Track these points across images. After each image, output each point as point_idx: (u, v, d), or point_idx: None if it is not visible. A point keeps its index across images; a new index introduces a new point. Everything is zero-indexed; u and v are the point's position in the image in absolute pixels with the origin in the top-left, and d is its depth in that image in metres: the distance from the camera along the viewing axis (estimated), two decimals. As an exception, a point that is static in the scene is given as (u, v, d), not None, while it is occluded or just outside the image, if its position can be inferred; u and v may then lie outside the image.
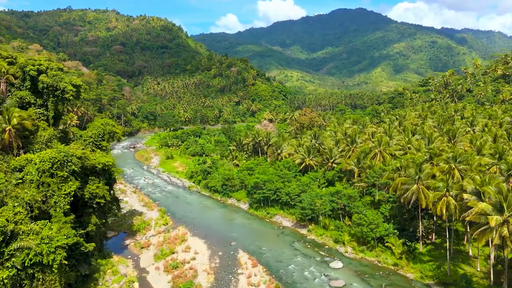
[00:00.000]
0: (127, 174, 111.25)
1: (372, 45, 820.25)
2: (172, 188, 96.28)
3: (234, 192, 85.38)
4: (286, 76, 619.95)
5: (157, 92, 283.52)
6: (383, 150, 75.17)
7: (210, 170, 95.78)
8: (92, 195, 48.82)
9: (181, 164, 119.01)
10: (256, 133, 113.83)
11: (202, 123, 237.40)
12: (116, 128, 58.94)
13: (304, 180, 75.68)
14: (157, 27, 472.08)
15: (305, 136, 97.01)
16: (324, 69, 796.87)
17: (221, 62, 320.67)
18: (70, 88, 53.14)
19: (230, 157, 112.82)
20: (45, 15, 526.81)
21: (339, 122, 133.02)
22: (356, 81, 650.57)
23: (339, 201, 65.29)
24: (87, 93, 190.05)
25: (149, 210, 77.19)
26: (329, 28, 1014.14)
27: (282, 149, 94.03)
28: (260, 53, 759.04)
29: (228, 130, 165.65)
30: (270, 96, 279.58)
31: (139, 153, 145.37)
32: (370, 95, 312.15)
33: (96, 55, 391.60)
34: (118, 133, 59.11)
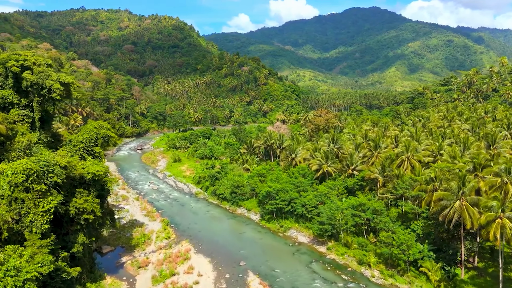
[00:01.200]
0: (132, 178, 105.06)
1: (386, 44, 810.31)
2: (178, 194, 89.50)
3: (244, 200, 78.10)
4: (298, 76, 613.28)
5: (167, 92, 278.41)
6: (411, 156, 66.95)
7: (219, 176, 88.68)
8: (79, 211, 42.09)
9: (188, 168, 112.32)
10: (268, 135, 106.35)
11: (212, 123, 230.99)
12: (111, 132, 52.21)
13: (321, 189, 67.92)
14: (168, 26, 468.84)
15: (322, 139, 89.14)
16: (337, 68, 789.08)
17: (232, 61, 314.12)
18: (57, 87, 46.62)
19: (241, 161, 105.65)
20: (58, 15, 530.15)
21: (357, 124, 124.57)
22: (369, 81, 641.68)
23: (362, 215, 57.41)
24: (94, 93, 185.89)
25: (151, 220, 70.44)
26: (342, 27, 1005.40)
27: (297, 154, 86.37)
28: (272, 52, 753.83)
29: (238, 132, 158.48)
30: (282, 96, 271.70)
31: (146, 155, 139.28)
32: (386, 95, 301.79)
33: (108, 55, 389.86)
34: (113, 137, 52.42)
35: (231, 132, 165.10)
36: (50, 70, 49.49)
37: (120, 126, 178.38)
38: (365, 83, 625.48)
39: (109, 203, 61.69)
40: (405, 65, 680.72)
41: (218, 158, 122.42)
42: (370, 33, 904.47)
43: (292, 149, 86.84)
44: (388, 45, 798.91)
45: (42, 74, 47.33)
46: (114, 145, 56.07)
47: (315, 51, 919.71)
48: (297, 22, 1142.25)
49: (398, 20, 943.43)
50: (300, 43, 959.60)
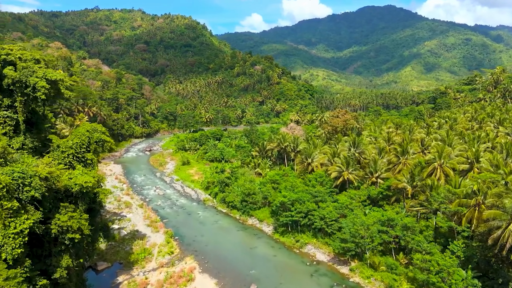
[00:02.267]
0: (137, 182, 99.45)
1: (401, 43, 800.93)
2: (184, 201, 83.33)
3: (256, 210, 71.41)
4: (311, 75, 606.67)
5: (179, 91, 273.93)
6: (444, 164, 59.28)
7: (229, 182, 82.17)
8: (62, 229, 36.01)
9: (197, 172, 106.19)
10: (281, 137, 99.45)
11: (224, 124, 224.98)
12: (106, 136, 46.17)
13: (342, 199, 60.70)
14: (181, 26, 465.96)
15: (341, 143, 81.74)
16: (351, 67, 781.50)
17: (245, 60, 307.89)
18: (42, 85, 40.78)
19: (252, 165, 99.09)
20: (73, 15, 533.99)
21: (376, 125, 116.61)
22: (384, 80, 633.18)
23: (391, 232, 50.14)
24: (103, 92, 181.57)
25: (154, 231, 64.34)
26: (356, 26, 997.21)
27: (313, 158, 79.23)
28: (285, 52, 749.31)
29: (250, 133, 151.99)
30: (296, 95, 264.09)
31: (154, 157, 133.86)
32: (403, 94, 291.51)
33: (120, 54, 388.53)
34: (108, 142, 46.40)
35: (242, 133, 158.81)
36: (37, 66, 43.73)
37: (129, 126, 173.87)
38: (380, 83, 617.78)
39: (102, 217, 55.88)
40: (421, 64, 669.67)
41: (228, 161, 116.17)
42: (385, 31, 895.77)
43: (308, 153, 79.74)
44: (403, 44, 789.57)
45: (25, 70, 41.57)
46: (110, 151, 49.48)
47: (328, 50, 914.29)
48: (310, 21, 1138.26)
49: (414, 19, 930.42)
50: (314, 42, 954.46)
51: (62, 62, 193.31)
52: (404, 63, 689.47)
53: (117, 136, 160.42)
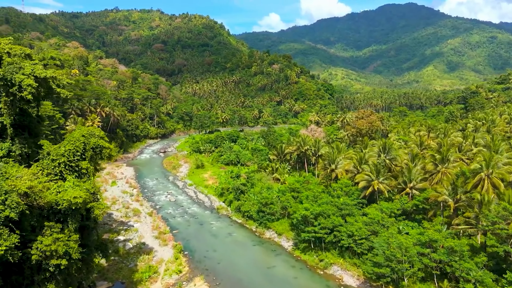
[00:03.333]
0: (149, 187, 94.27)
1: (423, 42, 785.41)
2: (197, 209, 77.42)
3: (274, 221, 64.75)
4: (330, 74, 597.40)
5: (195, 91, 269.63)
6: (492, 174, 51.31)
7: (244, 189, 75.82)
8: (45, 255, 30.35)
9: (211, 176, 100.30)
10: (301, 140, 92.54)
11: (240, 124, 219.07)
12: (104, 141, 40.44)
13: (372, 213, 53.39)
14: (198, 25, 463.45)
15: (370, 148, 74.24)
16: (371, 67, 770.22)
17: (262, 59, 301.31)
18: (28, 83, 35.25)
19: (269, 170, 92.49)
20: (93, 15, 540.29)
21: (403, 127, 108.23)
22: (405, 80, 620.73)
23: (433, 256, 42.73)
24: (119, 92, 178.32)
25: (162, 245, 58.53)
26: (376, 24, 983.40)
27: (337, 164, 72.03)
28: (303, 51, 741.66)
29: (267, 134, 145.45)
30: (315, 95, 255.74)
31: (168, 159, 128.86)
32: (427, 94, 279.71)
33: (138, 54, 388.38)
34: (107, 148, 40.65)
35: (259, 134, 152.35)
36: (25, 62, 38.36)
37: (144, 127, 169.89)
38: (401, 82, 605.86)
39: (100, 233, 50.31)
40: (443, 63, 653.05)
41: (244, 164, 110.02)
42: (405, 30, 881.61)
43: (332, 158, 72.56)
44: (425, 42, 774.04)
45: (11, 66, 36.25)
46: (109, 158, 43.11)
47: (347, 49, 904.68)
48: (329, 20, 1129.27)
49: (436, 16, 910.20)
50: (332, 41, 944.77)
51: (78, 61, 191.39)
52: (425, 62, 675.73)
53: (131, 137, 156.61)
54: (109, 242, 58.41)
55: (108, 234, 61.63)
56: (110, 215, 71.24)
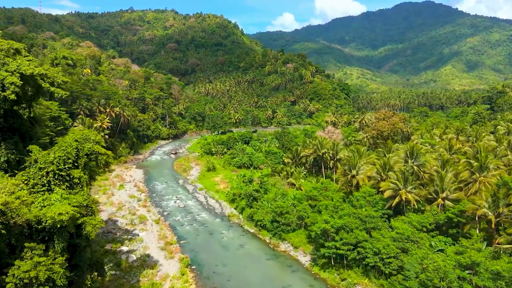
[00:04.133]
0: (157, 191, 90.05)
1: (440, 40, 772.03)
2: (207, 216, 72.69)
3: (289, 232, 59.48)
4: (345, 74, 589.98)
5: (208, 91, 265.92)
6: (540, 184, 44.98)
7: (257, 195, 70.74)
8: (23, 282, 25.85)
9: (223, 180, 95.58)
10: (318, 143, 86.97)
11: (253, 125, 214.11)
12: (100, 147, 35.84)
13: (401, 227, 47.60)
14: (212, 25, 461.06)
15: (396, 152, 68.21)
16: (386, 66, 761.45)
17: (277, 58, 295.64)
18: (12, 81, 30.92)
19: (284, 174, 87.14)
20: (108, 16, 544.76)
21: (426, 129, 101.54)
22: (422, 79, 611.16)
23: (476, 280, 36.88)
24: (130, 92, 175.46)
25: (168, 257, 53.88)
26: (392, 23, 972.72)
27: (359, 170, 66.26)
28: (318, 50, 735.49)
29: (282, 135, 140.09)
30: (330, 94, 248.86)
31: (179, 161, 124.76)
32: (447, 94, 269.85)
33: (152, 54, 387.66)
34: (104, 155, 36.01)
35: (273, 135, 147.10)
36: (10, 58, 34.06)
37: (155, 127, 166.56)
38: (418, 82, 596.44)
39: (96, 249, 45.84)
40: (462, 62, 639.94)
41: (257, 167, 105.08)
42: (422, 28, 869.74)
43: (352, 163, 66.82)
44: (443, 41, 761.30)
45: (-7, 62, 32.14)
46: (106, 166, 38.19)
47: (362, 48, 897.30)
48: (343, 19, 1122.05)
49: (454, 15, 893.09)
50: (347, 40, 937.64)
51: (90, 61, 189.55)
52: (443, 61, 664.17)
53: (142, 137, 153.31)
54: (111, 254, 54.32)
55: (111, 244, 57.40)
56: (115, 222, 67.18)
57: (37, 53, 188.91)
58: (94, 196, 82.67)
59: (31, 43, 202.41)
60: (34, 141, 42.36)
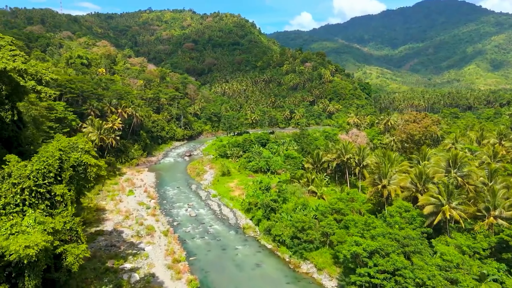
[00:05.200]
0: (168, 197, 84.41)
1: (464, 39, 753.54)
2: (219, 228, 66.40)
3: (312, 251, 52.56)
4: (364, 73, 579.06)
5: (225, 91, 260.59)
6: None
7: (275, 206, 64.01)
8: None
9: (238, 186, 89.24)
10: (342, 147, 79.57)
11: (271, 126, 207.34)
12: (90, 157, 29.74)
13: (447, 252, 40.05)
14: (229, 24, 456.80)
15: (435, 159, 60.28)
16: (407, 65, 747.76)
17: (295, 57, 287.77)
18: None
19: (304, 180, 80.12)
20: (127, 16, 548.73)
21: (461, 132, 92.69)
22: (445, 79, 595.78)
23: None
24: (145, 92, 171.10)
25: (175, 278, 47.78)
26: (413, 21, 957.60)
27: (390, 179, 58.71)
28: (336, 49, 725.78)
29: (301, 137, 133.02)
30: (351, 94, 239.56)
31: (192, 164, 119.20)
32: (475, 94, 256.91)
33: (169, 53, 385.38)
34: (94, 166, 29.89)
35: (291, 137, 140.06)
36: None
37: (170, 128, 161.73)
38: (440, 81, 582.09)
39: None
40: (487, 61, 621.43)
41: (275, 172, 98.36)
42: (445, 27, 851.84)
43: (383, 172, 59.27)
44: (466, 40, 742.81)
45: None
46: (96, 179, 31.97)
47: (382, 47, 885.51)
48: (362, 18, 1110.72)
49: (478, 12, 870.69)
50: (366, 39, 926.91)
51: (105, 60, 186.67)
52: (467, 60, 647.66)
53: (156, 138, 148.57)
54: (112, 272, 48.57)
55: (114, 260, 51.70)
56: (120, 234, 61.62)
57: (53, 53, 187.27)
58: (101, 202, 77.94)
59: (47, 42, 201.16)
60: (23, 148, 36.85)
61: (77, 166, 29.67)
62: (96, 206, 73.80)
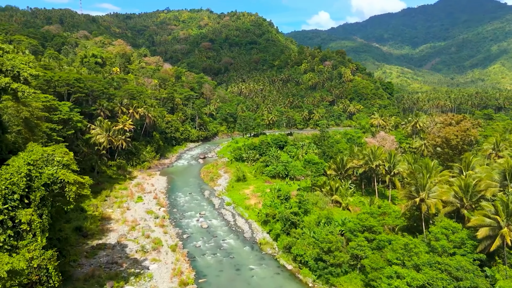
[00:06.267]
0: (179, 205, 78.35)
1: (488, 37, 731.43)
2: (234, 242, 59.76)
3: (340, 275, 45.33)
4: (384, 73, 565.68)
5: (241, 90, 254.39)
6: None
7: (296, 220, 56.91)
8: None
9: (254, 193, 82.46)
10: (370, 153, 71.80)
11: (288, 127, 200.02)
12: (68, 172, 23.38)
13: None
14: (247, 23, 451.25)
15: (486, 170, 52.00)
16: (428, 64, 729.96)
17: (313, 56, 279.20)
18: None
19: (327, 189, 72.75)
20: (145, 16, 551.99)
21: (503, 137, 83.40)
22: (468, 78, 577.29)
23: None
24: (159, 92, 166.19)
25: (180, 306, 41.44)
26: (435, 19, 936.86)
27: (429, 192, 50.84)
28: (355, 48, 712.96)
29: (321, 140, 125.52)
30: (372, 94, 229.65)
31: (206, 167, 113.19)
32: (505, 94, 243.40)
33: (185, 53, 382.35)
34: (74, 184, 23.64)
35: (311, 139, 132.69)
36: None
37: (184, 129, 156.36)
38: (463, 81, 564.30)
39: None
40: None
41: (294, 177, 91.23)
42: (468, 25, 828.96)
43: (421, 183, 51.43)
44: (490, 38, 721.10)
45: None
46: (77, 200, 25.62)
47: (402, 46, 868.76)
48: (382, 16, 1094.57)
49: (503, 9, 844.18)
50: (386, 38, 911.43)
51: (120, 59, 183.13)
52: (491, 59, 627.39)
53: (170, 140, 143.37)
54: (110, 297, 42.47)
55: (113, 282, 45.69)
56: (123, 248, 55.69)
57: (68, 52, 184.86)
58: (108, 210, 72.39)
59: (62, 41, 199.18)
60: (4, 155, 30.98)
61: (52, 184, 23.54)
62: (101, 215, 68.26)
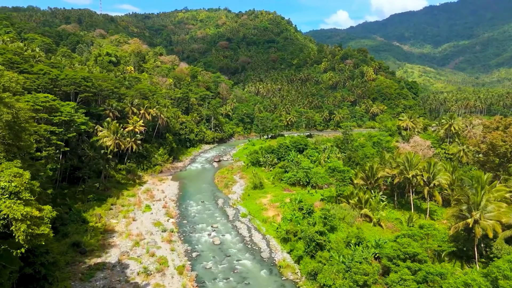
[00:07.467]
0: (190, 215, 71.33)
1: None
2: (249, 263, 52.19)
3: (378, 315, 37.25)
4: (405, 72, 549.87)
5: (258, 90, 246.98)
6: None
7: (322, 240, 48.86)
8: None
9: (272, 203, 74.67)
10: (406, 161, 63.01)
11: (308, 128, 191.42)
12: (17, 206, 16.15)
13: None
14: (264, 21, 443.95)
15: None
16: (452, 64, 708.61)
17: (334, 54, 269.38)
18: None
19: (355, 201, 64.37)
20: (163, 16, 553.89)
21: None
22: (494, 77, 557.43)
23: None
24: (174, 91, 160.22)
25: None
26: (458, 17, 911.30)
27: (484, 211, 42.08)
28: (375, 47, 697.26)
29: (344, 143, 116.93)
30: (397, 94, 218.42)
31: (221, 171, 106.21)
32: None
33: (202, 52, 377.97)
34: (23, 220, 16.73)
35: (333, 142, 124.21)
36: None
37: (199, 130, 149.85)
38: (489, 80, 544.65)
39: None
40: None
41: (316, 185, 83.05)
42: (493, 23, 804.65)
43: (474, 201, 42.72)
44: None
45: None
46: (31, 241, 18.85)
47: (424, 45, 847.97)
48: (403, 14, 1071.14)
49: None
50: (407, 37, 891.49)
51: (134, 58, 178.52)
52: None
53: (184, 141, 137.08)
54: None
55: (107, 314, 38.84)
56: (124, 269, 48.81)
57: (82, 50, 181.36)
58: (112, 221, 65.84)
59: (77, 40, 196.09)
60: None
61: (12, 221, 16.49)
62: (104, 227, 61.76)
